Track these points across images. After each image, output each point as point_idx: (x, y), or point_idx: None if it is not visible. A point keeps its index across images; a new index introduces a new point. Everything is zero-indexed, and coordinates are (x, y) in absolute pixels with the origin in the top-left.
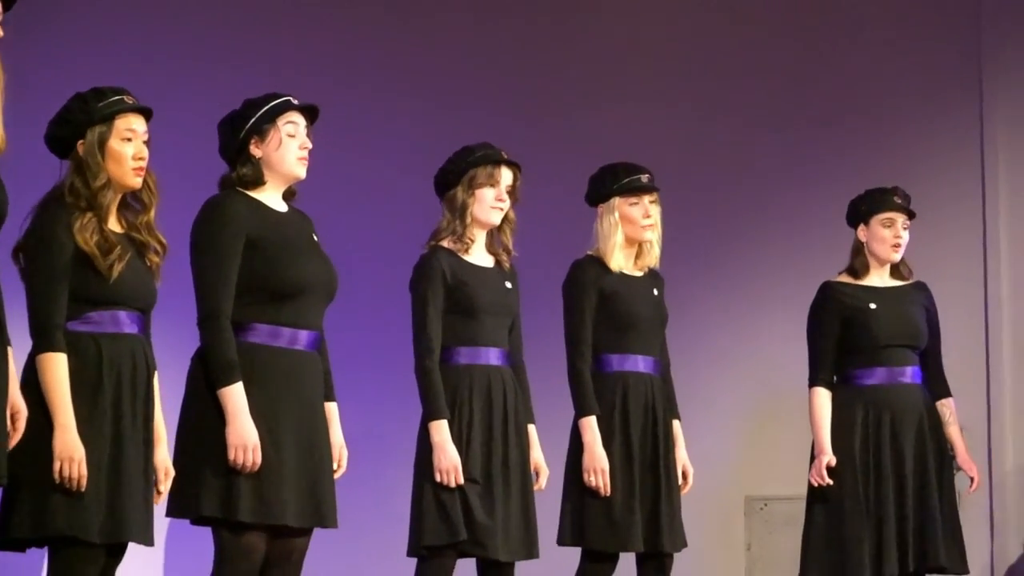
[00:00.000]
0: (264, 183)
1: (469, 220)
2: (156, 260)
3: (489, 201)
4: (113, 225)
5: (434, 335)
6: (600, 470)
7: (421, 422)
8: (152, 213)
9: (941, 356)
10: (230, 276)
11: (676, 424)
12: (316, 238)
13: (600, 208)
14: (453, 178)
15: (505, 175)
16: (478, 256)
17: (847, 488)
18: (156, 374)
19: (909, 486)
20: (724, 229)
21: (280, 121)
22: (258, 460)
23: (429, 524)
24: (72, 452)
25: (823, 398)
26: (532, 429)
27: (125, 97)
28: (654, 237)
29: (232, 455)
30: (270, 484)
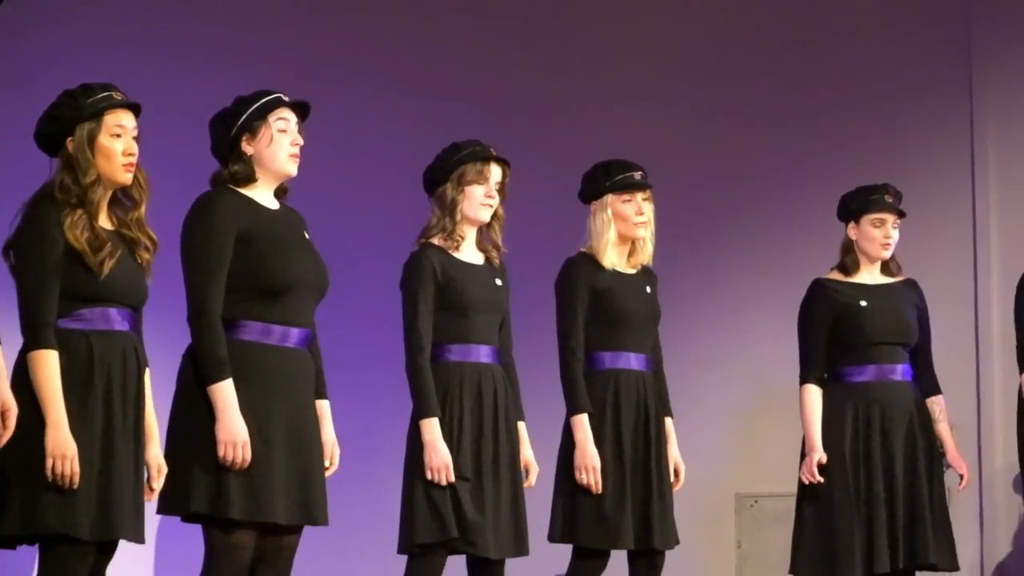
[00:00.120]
0: (256, 180)
1: (459, 217)
2: (147, 257)
3: (479, 198)
4: (104, 222)
5: (425, 333)
6: (591, 468)
7: (411, 420)
8: (143, 209)
9: (931, 354)
10: (220, 273)
11: (668, 421)
12: (308, 236)
13: (593, 205)
14: (442, 175)
15: (494, 171)
16: (468, 253)
17: (837, 485)
18: (147, 371)
19: (899, 483)
20: (715, 226)
21: (271, 118)
22: (247, 457)
23: (420, 522)
24: (64, 449)
25: (814, 395)
26: (522, 426)
27: (114, 93)
28: (647, 234)
29: (222, 451)
30: (259, 481)
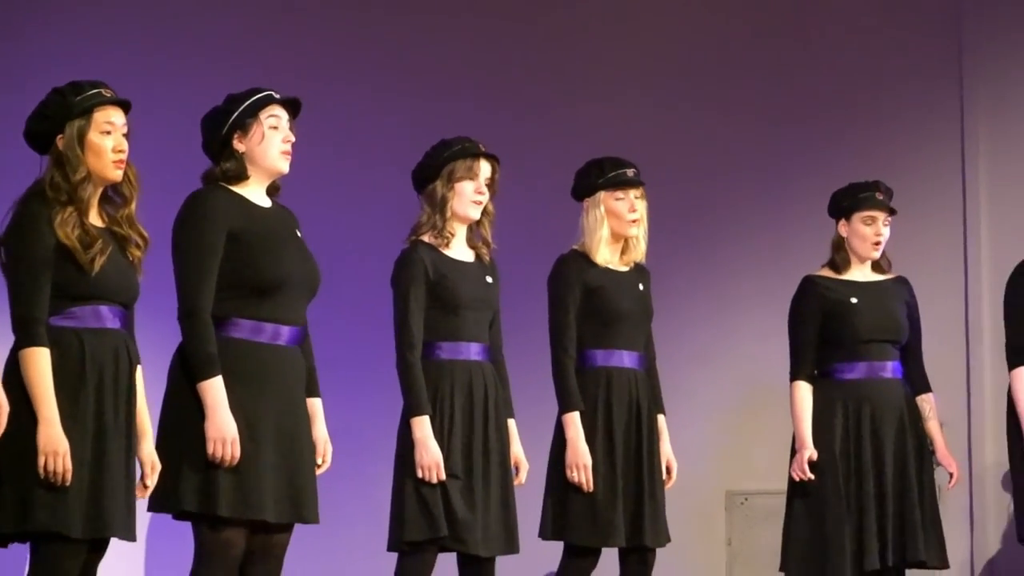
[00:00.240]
0: (247, 178)
1: (449, 214)
2: (138, 254)
3: (469, 195)
4: (94, 219)
5: (416, 330)
6: (583, 466)
7: (402, 417)
8: (133, 206)
9: (922, 351)
10: (211, 271)
11: (661, 418)
12: (299, 234)
13: (586, 202)
14: (432, 172)
15: (484, 168)
16: (458, 251)
17: (828, 483)
18: (140, 368)
19: (889, 481)
20: (706, 223)
21: (262, 115)
22: (236, 454)
23: (410, 519)
24: (56, 446)
25: (804, 392)
26: (512, 423)
27: (103, 90)
28: (639, 232)
29: (210, 449)
30: (249, 479)
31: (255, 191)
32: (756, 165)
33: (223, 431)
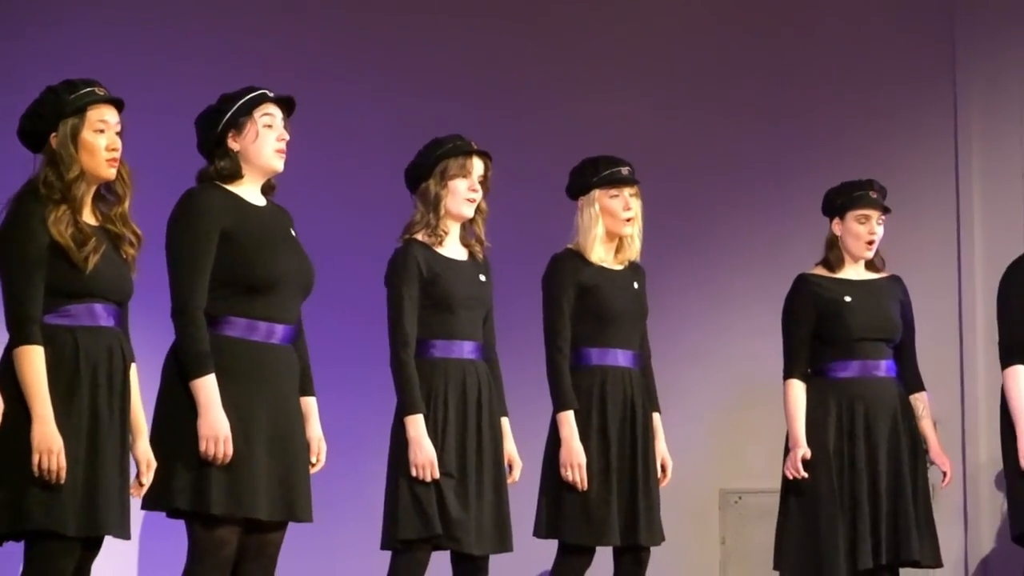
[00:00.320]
0: (242, 176)
1: (442, 212)
2: (131, 252)
3: (462, 192)
4: (88, 217)
5: (410, 329)
6: (577, 465)
7: (396, 416)
8: (127, 204)
9: (915, 350)
10: (204, 269)
11: (656, 417)
12: (294, 232)
13: (580, 201)
14: (424, 171)
15: (477, 165)
16: (452, 249)
17: (821, 481)
18: (134, 366)
19: (883, 479)
20: (700, 222)
21: (257, 113)
22: (229, 452)
23: (404, 518)
24: (51, 444)
25: (798, 391)
26: (505, 422)
27: (96, 88)
28: (634, 230)
29: (203, 446)
30: (242, 477)
31: (250, 190)
32: (750, 164)
33: (216, 429)
